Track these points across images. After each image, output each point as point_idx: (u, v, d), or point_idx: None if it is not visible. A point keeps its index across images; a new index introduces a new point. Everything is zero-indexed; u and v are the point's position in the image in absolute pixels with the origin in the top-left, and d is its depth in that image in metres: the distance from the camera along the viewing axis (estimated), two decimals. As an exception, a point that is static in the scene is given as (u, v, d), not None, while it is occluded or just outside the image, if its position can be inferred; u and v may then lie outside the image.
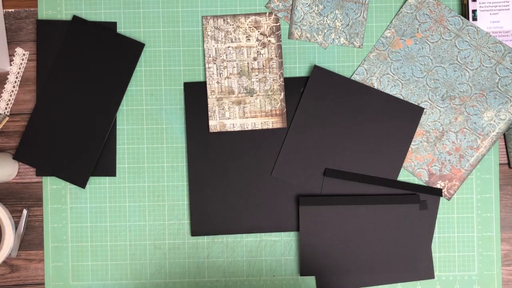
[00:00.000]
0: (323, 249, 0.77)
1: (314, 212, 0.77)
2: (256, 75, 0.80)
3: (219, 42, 0.80)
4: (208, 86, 0.80)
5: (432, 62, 0.79)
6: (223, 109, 0.79)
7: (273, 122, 0.80)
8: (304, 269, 0.77)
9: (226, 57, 0.80)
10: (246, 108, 0.79)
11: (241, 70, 0.80)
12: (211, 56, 0.80)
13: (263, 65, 0.80)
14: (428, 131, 0.79)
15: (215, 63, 0.80)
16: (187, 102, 0.80)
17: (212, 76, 0.80)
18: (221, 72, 0.80)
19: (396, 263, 0.77)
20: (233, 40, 0.80)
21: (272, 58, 0.80)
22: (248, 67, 0.80)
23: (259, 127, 0.80)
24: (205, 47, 0.80)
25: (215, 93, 0.80)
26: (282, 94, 0.80)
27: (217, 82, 0.80)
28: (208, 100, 0.79)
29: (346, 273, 0.77)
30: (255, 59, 0.80)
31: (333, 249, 0.77)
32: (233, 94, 0.80)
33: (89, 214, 0.80)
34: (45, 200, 0.80)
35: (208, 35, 0.80)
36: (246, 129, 0.79)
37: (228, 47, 0.80)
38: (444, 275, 0.80)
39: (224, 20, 0.80)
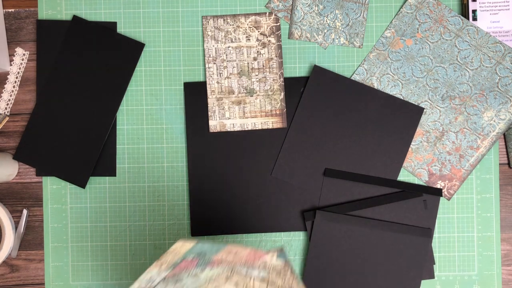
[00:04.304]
0: (329, 269, 0.77)
1: (327, 230, 0.77)
2: (256, 75, 0.80)
3: (219, 42, 0.80)
4: (208, 86, 0.80)
5: (432, 62, 0.79)
6: (223, 109, 0.79)
7: (273, 122, 0.80)
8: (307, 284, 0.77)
9: (226, 57, 0.80)
10: (246, 108, 0.79)
11: (241, 70, 0.80)
12: (211, 56, 0.80)
13: (263, 65, 0.80)
14: (428, 131, 0.79)
15: (215, 63, 0.80)
16: (187, 102, 0.80)
17: (212, 76, 0.80)
18: (221, 72, 0.80)
19: None
20: (233, 40, 0.80)
21: (272, 58, 0.80)
22: (248, 67, 0.80)
23: (259, 127, 0.80)
24: (205, 47, 0.80)
25: (215, 93, 0.80)
26: (282, 94, 0.80)
27: (217, 82, 0.80)
28: (208, 100, 0.79)
29: None
30: (255, 59, 0.80)
31: (339, 269, 0.77)
32: (233, 94, 0.79)
33: (89, 214, 0.80)
34: (45, 200, 0.80)
35: (208, 35, 0.80)
36: (246, 129, 0.79)
37: (228, 47, 0.80)
38: (444, 275, 0.80)
39: (224, 20, 0.80)
